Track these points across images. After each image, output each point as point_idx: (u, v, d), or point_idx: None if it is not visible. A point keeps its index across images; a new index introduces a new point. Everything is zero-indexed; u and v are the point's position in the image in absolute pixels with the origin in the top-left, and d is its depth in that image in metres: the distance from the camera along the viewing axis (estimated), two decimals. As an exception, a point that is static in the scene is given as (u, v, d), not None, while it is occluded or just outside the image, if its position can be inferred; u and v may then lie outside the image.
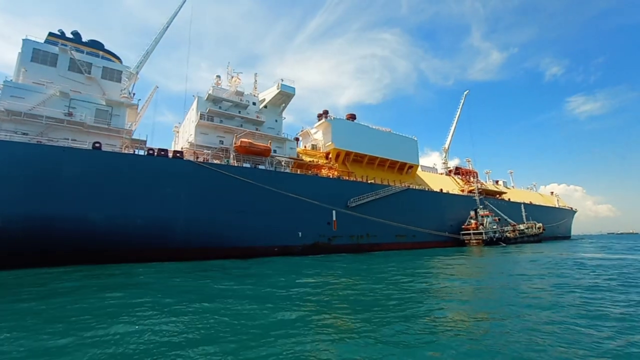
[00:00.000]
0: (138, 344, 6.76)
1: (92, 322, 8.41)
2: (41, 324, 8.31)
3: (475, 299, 11.51)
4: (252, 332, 7.60)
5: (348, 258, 31.54)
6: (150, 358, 5.99)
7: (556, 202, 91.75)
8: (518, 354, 6.00)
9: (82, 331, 7.61)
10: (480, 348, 6.37)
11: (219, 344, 6.69)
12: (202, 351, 6.30)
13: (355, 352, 6.21)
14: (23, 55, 30.61)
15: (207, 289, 14.09)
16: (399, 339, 6.94)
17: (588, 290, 12.24)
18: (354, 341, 6.83)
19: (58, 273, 19.85)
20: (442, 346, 6.49)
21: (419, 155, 60.00)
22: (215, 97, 38.51)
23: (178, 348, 6.48)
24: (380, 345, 6.48)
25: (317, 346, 6.57)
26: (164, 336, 7.22)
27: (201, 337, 7.22)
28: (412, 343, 6.62)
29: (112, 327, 7.86)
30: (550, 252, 36.26)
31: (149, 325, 8.10)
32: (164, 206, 29.45)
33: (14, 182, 24.22)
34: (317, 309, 9.94)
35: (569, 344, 6.48)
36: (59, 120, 28.91)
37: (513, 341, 6.69)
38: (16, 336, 7.34)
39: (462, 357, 5.94)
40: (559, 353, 6.02)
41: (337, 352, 6.27)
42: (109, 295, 12.17)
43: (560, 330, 7.38)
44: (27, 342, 6.91)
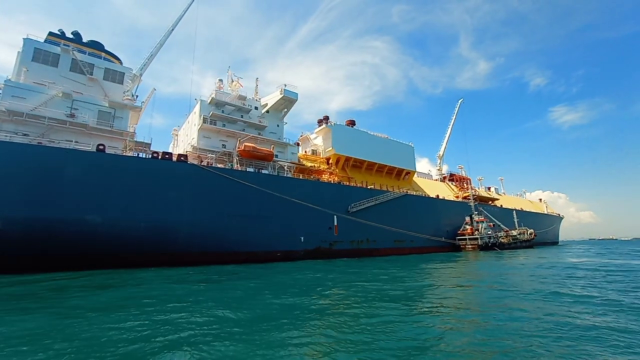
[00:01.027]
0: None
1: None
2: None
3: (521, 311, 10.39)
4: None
5: (357, 263, 31.71)
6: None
7: (545, 209, 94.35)
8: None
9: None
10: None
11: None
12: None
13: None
14: (24, 55, 29.96)
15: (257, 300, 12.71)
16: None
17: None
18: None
19: (72, 280, 19.36)
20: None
21: (415, 161, 61.03)
22: (218, 100, 38.44)
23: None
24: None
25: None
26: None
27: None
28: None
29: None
30: (551, 257, 37.10)
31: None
32: (168, 210, 29.11)
33: (15, 184, 23.58)
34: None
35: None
36: (61, 122, 28.33)
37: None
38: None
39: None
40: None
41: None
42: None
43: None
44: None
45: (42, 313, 10.09)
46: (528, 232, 65.23)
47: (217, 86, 41.32)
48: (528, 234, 64.33)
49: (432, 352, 6.56)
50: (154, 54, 35.44)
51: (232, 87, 43.76)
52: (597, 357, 6.18)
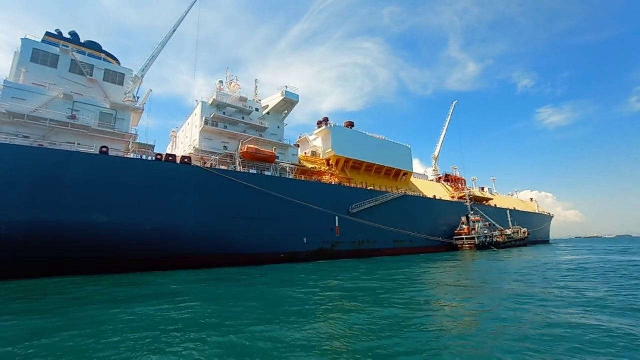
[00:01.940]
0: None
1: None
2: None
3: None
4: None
5: (370, 264, 31.94)
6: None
7: (536, 208, 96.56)
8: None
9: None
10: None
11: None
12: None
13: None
14: (22, 55, 29.34)
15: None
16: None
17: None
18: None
19: (80, 283, 19.04)
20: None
21: (412, 162, 61.78)
22: (219, 102, 38.30)
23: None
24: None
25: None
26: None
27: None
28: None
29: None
30: (553, 256, 38.05)
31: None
32: (173, 212, 28.84)
33: (17, 188, 23.06)
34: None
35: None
36: (63, 124, 27.83)
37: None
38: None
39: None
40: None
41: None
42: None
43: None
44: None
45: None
46: (522, 231, 66.72)
47: (218, 88, 41.18)
48: (522, 233, 65.78)
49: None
50: (155, 55, 35.14)
51: (230, 88, 43.67)
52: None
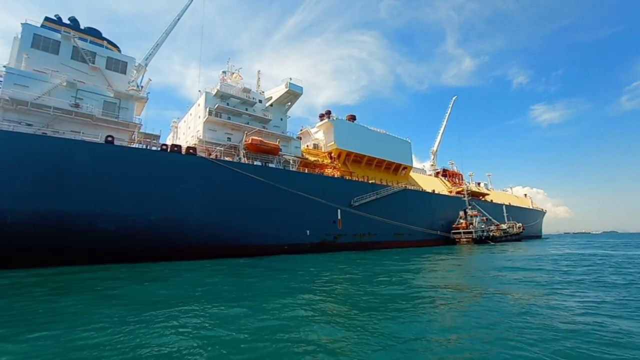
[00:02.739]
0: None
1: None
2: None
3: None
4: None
5: (378, 256, 32.41)
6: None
7: (530, 204, 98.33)
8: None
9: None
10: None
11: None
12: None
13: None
14: (22, 41, 28.64)
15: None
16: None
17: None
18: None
19: (97, 274, 19.05)
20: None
21: (412, 157, 62.22)
22: (223, 93, 37.95)
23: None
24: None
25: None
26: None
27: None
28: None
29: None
30: (551, 249, 39.06)
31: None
32: (178, 203, 28.80)
33: (22, 176, 22.80)
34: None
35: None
36: (66, 112, 27.40)
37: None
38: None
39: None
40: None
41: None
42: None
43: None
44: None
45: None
46: (517, 226, 67.97)
47: (221, 78, 40.75)
48: (517, 227, 67.03)
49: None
50: (159, 43, 34.56)
51: (232, 79, 43.24)
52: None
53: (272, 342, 6.37)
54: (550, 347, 5.88)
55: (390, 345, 6.08)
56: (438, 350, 5.94)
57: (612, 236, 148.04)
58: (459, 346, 6.17)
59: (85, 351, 5.89)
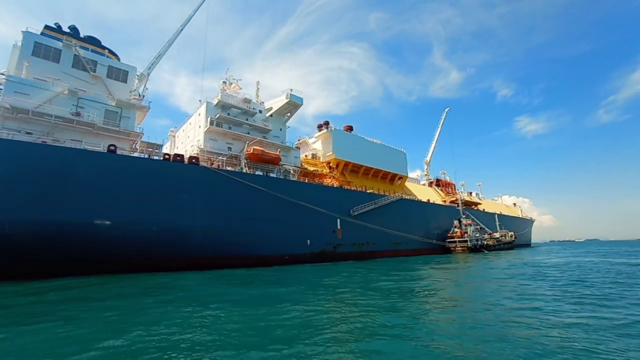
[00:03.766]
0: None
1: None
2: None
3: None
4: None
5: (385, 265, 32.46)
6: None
7: (520, 213, 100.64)
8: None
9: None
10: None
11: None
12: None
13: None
14: (23, 49, 28.30)
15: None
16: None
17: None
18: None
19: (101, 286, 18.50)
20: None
21: (407, 167, 63.23)
22: (224, 103, 38.08)
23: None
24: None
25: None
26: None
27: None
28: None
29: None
30: (546, 257, 39.99)
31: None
32: (180, 213, 28.43)
33: (22, 185, 22.20)
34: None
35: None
36: (67, 120, 26.99)
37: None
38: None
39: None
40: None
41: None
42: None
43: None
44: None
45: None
46: (509, 234, 69.33)
47: (221, 88, 40.95)
48: (509, 236, 68.36)
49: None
50: (162, 53, 34.58)
51: (230, 89, 43.46)
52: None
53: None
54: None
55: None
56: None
57: (596, 244, 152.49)
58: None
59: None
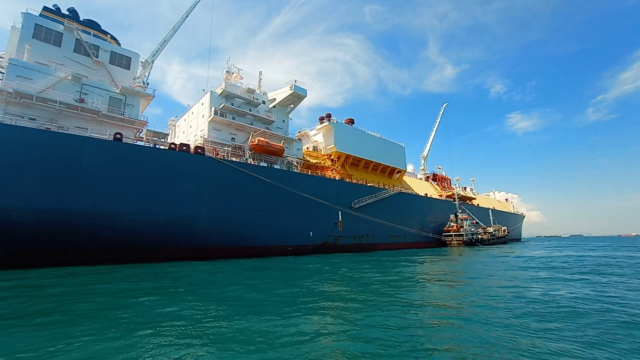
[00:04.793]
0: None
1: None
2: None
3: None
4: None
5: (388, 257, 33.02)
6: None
7: (511, 208, 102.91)
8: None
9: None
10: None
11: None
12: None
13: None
14: (23, 31, 27.40)
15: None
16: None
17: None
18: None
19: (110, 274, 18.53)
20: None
21: (406, 161, 63.81)
22: (228, 93, 37.66)
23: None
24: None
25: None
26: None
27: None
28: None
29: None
30: (542, 251, 41.28)
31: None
32: (186, 203, 28.37)
33: (29, 173, 21.85)
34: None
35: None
36: (72, 107, 26.40)
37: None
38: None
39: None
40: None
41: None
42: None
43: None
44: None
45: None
46: (502, 229, 71.05)
47: (225, 78, 40.43)
48: (502, 231, 70.07)
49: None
50: (167, 39, 33.84)
51: (232, 79, 42.90)
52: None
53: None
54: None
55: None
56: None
57: (580, 239, 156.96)
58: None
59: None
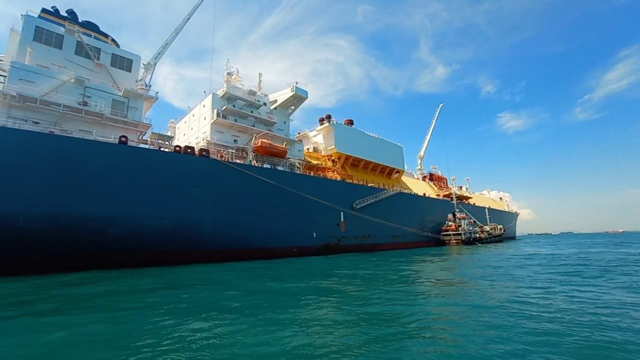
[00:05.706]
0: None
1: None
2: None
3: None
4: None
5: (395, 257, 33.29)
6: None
7: (506, 207, 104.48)
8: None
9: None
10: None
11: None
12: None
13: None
14: (24, 33, 27.06)
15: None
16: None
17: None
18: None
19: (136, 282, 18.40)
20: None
21: (404, 161, 64.43)
22: (230, 95, 37.64)
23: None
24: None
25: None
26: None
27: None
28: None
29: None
30: (541, 249, 42.08)
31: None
32: (192, 206, 28.31)
33: (35, 177, 21.59)
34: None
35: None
36: (75, 110, 26.16)
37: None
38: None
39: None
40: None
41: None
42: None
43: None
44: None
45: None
46: (498, 227, 72.11)
47: (226, 79, 40.39)
48: (498, 229, 71.11)
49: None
50: (169, 42, 33.70)
51: (231, 81, 42.87)
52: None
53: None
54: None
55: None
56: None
57: (571, 236, 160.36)
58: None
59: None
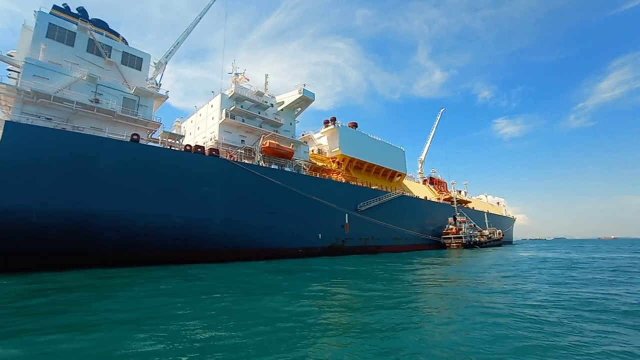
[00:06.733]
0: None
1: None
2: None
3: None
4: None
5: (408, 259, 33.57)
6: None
7: (504, 211, 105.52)
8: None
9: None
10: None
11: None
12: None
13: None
14: (37, 30, 27.04)
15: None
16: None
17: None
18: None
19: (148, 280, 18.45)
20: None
21: (406, 164, 64.94)
22: (239, 95, 37.81)
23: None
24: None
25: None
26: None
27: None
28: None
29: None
30: (544, 253, 42.69)
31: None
32: (202, 205, 28.39)
33: (49, 173, 21.59)
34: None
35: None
36: (88, 107, 26.15)
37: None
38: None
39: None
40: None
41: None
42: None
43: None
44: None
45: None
46: (497, 232, 72.92)
47: (234, 80, 40.52)
48: (497, 233, 71.91)
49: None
50: (180, 41, 33.83)
51: (238, 81, 43.01)
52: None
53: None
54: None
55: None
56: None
57: (564, 242, 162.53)
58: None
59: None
